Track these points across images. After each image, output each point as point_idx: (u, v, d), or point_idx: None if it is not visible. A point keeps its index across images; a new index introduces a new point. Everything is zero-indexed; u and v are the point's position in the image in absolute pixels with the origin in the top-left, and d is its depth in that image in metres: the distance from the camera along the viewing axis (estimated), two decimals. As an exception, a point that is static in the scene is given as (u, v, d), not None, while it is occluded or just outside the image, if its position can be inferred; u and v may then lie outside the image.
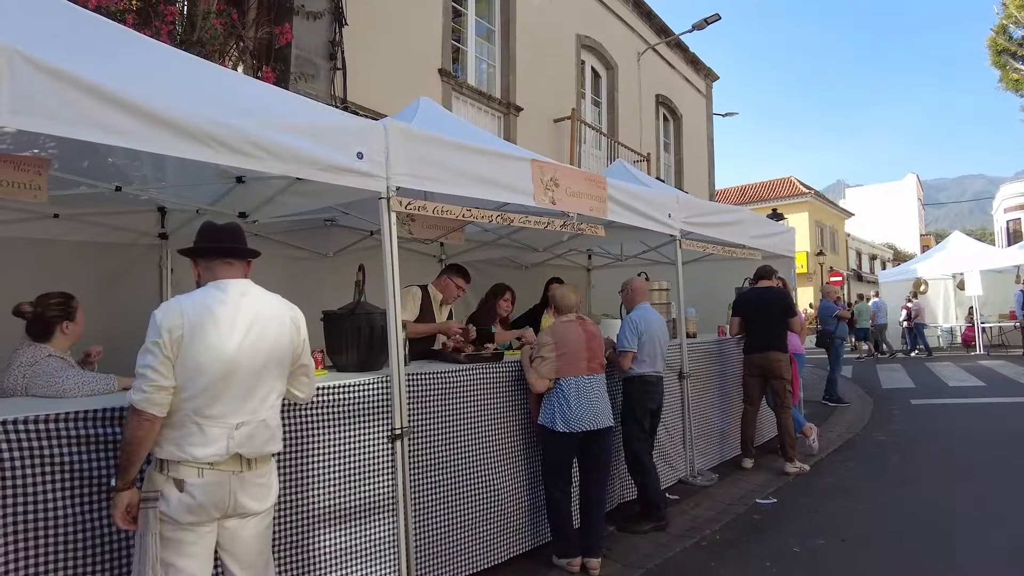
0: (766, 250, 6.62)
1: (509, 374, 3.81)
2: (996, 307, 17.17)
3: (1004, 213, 47.43)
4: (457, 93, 8.69)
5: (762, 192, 34.58)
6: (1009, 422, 7.64)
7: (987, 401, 9.13)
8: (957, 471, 5.58)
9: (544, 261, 7.39)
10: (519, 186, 3.65)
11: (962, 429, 7.43)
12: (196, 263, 2.28)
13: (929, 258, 19.95)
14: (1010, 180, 56.69)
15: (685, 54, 15.71)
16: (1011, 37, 24.71)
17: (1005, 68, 24.82)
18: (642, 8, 13.48)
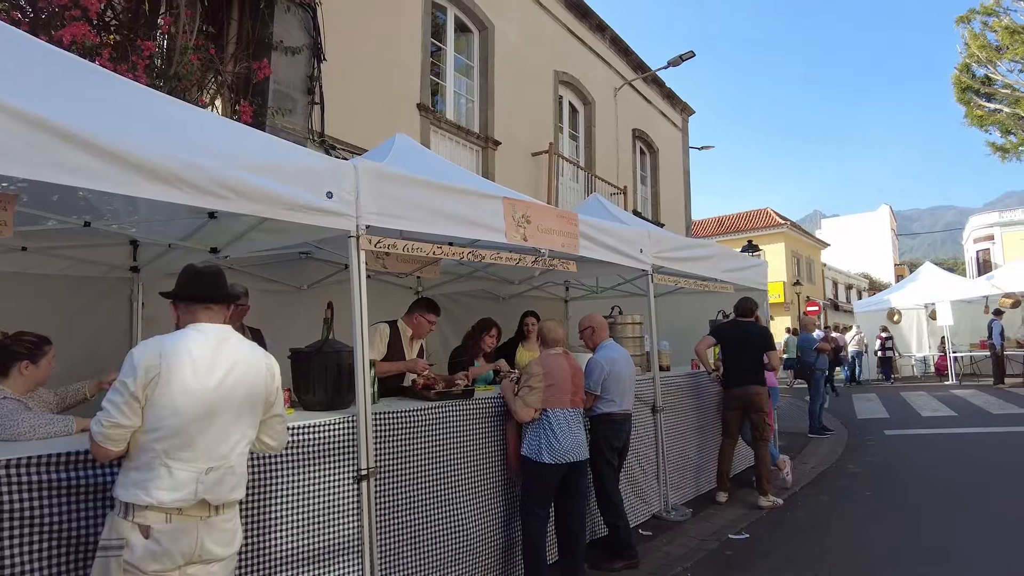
0: (739, 283, 6.72)
1: (480, 411, 3.80)
2: (967, 336, 17.49)
3: (974, 243, 48.65)
4: (436, 127, 8.80)
5: (739, 223, 35.13)
6: (979, 453, 7.73)
7: (959, 431, 9.25)
8: (928, 504, 5.63)
9: (522, 293, 7.43)
10: (491, 223, 3.69)
11: (934, 460, 7.51)
12: (176, 306, 2.28)
13: (902, 288, 20.33)
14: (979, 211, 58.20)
15: (661, 89, 16.06)
16: (974, 75, 25.63)
17: (969, 105, 25.70)
18: (619, 45, 13.80)
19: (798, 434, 9.15)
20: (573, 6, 12.23)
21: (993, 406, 11.48)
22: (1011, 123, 25.03)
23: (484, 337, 5.15)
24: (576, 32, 12.40)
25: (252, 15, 6.66)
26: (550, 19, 11.67)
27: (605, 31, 13.31)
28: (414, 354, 4.42)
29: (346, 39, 7.46)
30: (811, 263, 37.33)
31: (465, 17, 9.85)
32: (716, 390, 6.53)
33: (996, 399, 12.36)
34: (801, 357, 9.96)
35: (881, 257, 53.62)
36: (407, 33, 8.48)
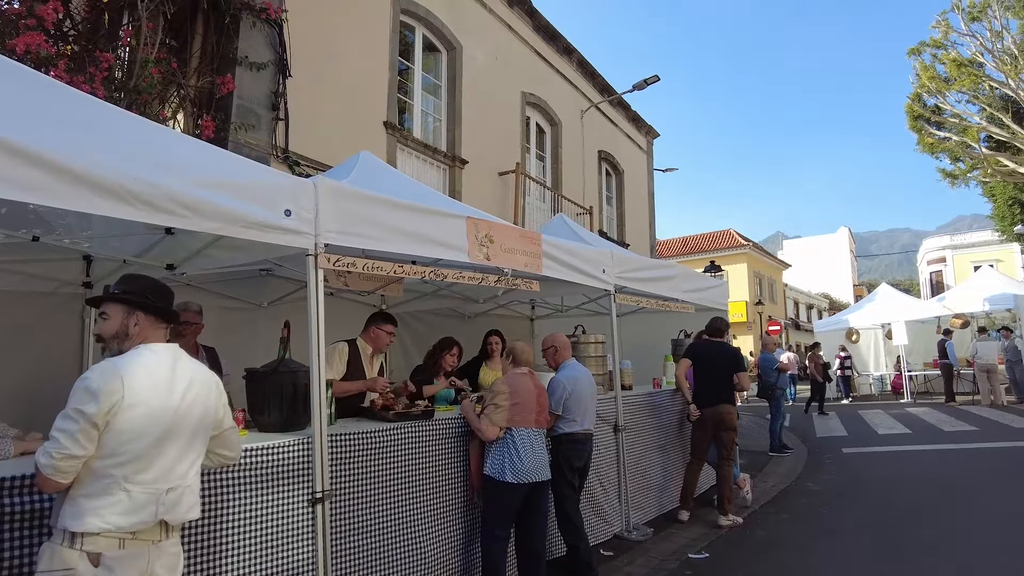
0: (700, 303, 6.83)
1: (441, 432, 3.78)
2: (921, 356, 18.02)
3: (927, 265, 50.36)
4: (402, 145, 8.80)
5: (703, 243, 35.77)
6: (931, 470, 7.93)
7: (913, 449, 9.47)
8: (882, 521, 5.73)
9: (487, 311, 7.43)
10: (454, 242, 3.70)
11: (889, 478, 7.66)
12: (132, 317, 2.14)
13: (860, 309, 20.87)
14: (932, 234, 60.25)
15: (627, 112, 16.35)
16: (925, 105, 26.68)
17: (921, 132, 26.71)
18: (586, 67, 14.04)
19: (759, 452, 9.28)
20: (541, 28, 12.42)
21: (944, 423, 11.81)
22: (959, 151, 26.09)
23: (445, 356, 5.13)
24: (544, 54, 12.59)
25: (217, 30, 6.61)
26: (518, 41, 11.83)
27: (572, 54, 13.54)
28: (375, 371, 4.38)
29: (313, 56, 7.45)
30: (773, 283, 38.12)
31: (433, 37, 9.92)
32: (678, 409, 6.60)
33: (947, 416, 12.72)
34: (762, 376, 10.12)
35: (840, 278, 55.09)
36: (375, 51, 8.50)
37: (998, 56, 24.13)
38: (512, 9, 11.64)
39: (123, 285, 2.21)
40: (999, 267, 30.28)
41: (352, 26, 8.14)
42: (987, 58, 24.51)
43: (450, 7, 10.03)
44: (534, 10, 12.05)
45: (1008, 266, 37.98)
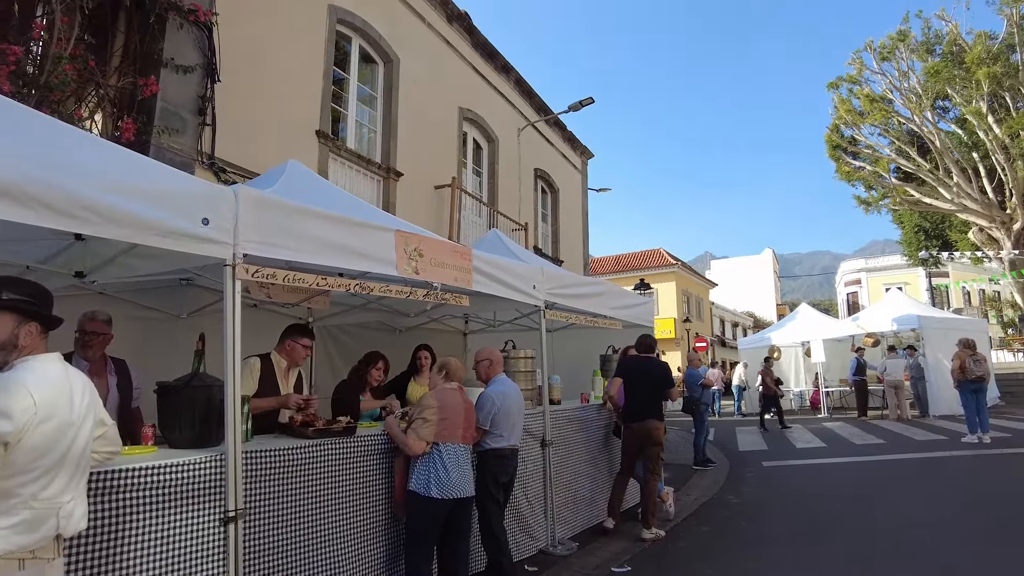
0: (627, 320, 6.98)
1: (363, 449, 3.71)
2: (837, 373, 18.95)
3: (845, 287, 53.19)
4: (335, 155, 8.67)
5: (634, 262, 36.65)
6: (844, 481, 8.31)
7: (828, 461, 9.91)
8: (798, 532, 5.97)
9: (420, 325, 7.37)
10: (381, 256, 3.66)
11: (805, 490, 7.99)
12: (21, 327, 2.00)
13: (782, 327, 21.80)
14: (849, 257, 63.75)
15: (563, 132, 16.65)
16: (842, 135, 28.34)
17: (839, 161, 28.34)
18: (523, 87, 14.23)
19: (683, 466, 9.52)
20: (479, 46, 12.53)
21: (856, 437, 12.43)
22: (872, 180, 27.81)
23: (371, 370, 5.05)
24: (482, 72, 12.70)
25: (140, 29, 6.36)
26: (456, 57, 11.89)
27: (510, 72, 13.71)
28: (291, 386, 4.25)
29: (244, 61, 7.26)
30: (700, 301, 39.38)
31: (370, 48, 9.86)
32: (606, 423, 6.71)
33: (859, 430, 13.40)
34: (687, 391, 10.41)
35: (765, 297, 57.52)
36: (310, 60, 8.37)
37: (905, 94, 25.95)
38: (451, 25, 11.70)
39: (10, 291, 2.04)
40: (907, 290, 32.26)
41: (287, 34, 8.00)
42: (896, 95, 26.31)
43: (388, 20, 10.00)
44: (473, 27, 12.16)
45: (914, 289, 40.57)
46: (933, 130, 25.61)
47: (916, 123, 25.89)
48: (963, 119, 25.79)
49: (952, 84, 24.57)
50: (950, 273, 39.09)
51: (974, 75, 23.15)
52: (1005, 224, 25.29)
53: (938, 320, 17.48)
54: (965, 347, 10.84)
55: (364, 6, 9.44)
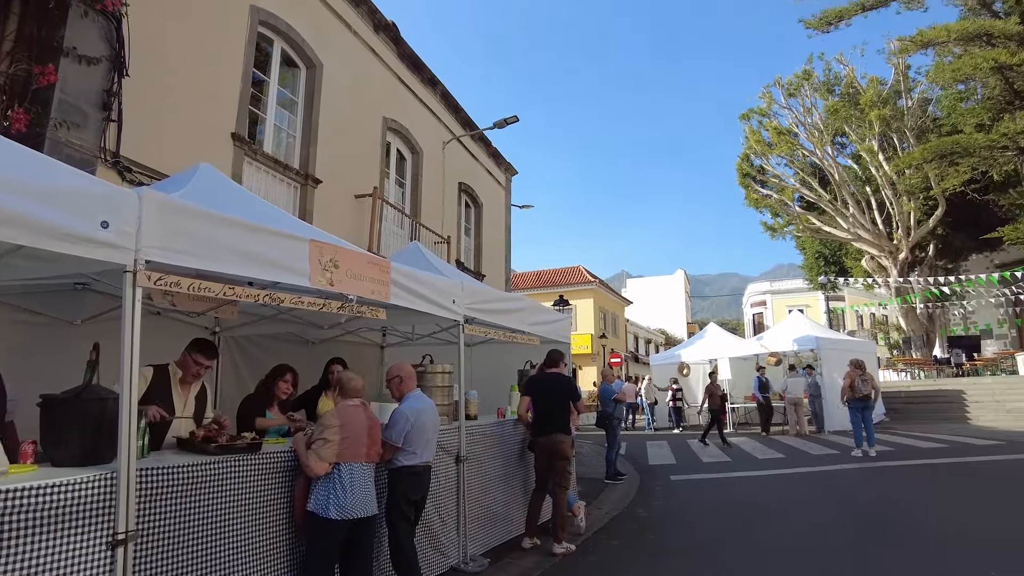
0: (545, 336, 7.07)
1: (268, 466, 3.57)
2: (743, 390, 19.87)
3: (751, 307, 55.98)
4: (251, 159, 8.38)
5: (555, 278, 37.26)
6: (747, 494, 8.70)
7: (732, 475, 10.35)
8: (703, 543, 6.19)
9: (334, 338, 7.19)
10: (294, 266, 3.56)
11: (711, 502, 8.31)
12: None
13: (691, 345, 22.69)
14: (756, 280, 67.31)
15: (488, 148, 16.78)
16: (752, 164, 29.98)
17: (748, 189, 29.94)
18: (449, 101, 14.26)
19: (595, 480, 9.70)
20: (406, 57, 12.47)
21: (759, 451, 13.05)
22: (778, 207, 29.53)
23: (278, 384, 4.87)
24: (408, 83, 12.63)
25: (39, 14, 5.95)
26: (382, 67, 11.78)
27: (436, 86, 13.71)
28: (191, 399, 4.04)
29: (158, 57, 6.92)
30: (616, 318, 40.44)
31: (293, 52, 9.62)
32: (522, 438, 6.75)
33: (762, 445, 14.08)
34: (600, 406, 10.63)
35: (676, 315, 59.70)
36: (228, 60, 8.07)
37: (808, 129, 27.79)
38: (378, 35, 11.60)
39: None
40: (807, 312, 34.34)
41: (205, 31, 7.69)
42: (800, 129, 28.14)
43: (313, 25, 9.80)
44: (400, 38, 12.09)
45: (814, 312, 43.23)
46: (832, 164, 27.55)
47: (818, 156, 27.78)
48: (858, 155, 27.92)
49: (849, 123, 26.54)
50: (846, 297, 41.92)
51: (867, 116, 25.10)
52: (892, 254, 27.42)
53: (834, 341, 18.68)
54: (855, 367, 11.63)
55: (288, 9, 9.22)
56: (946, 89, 26.61)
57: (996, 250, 28.94)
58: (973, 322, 34.76)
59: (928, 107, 28.37)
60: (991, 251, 29.43)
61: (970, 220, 27.53)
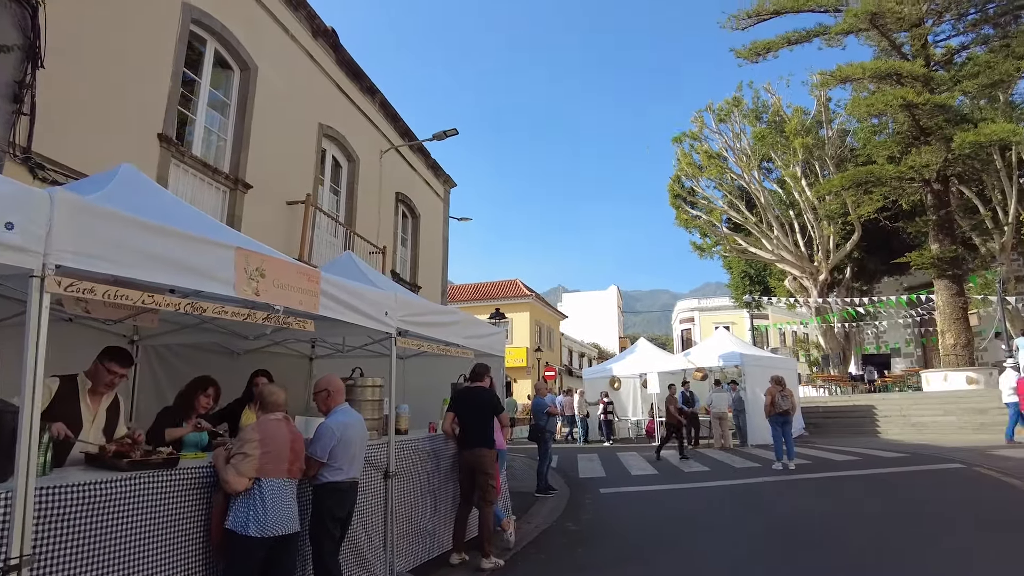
0: (479, 349, 7.06)
1: (185, 482, 3.41)
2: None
3: (680, 323, 57.61)
4: (178, 161, 8.06)
5: (491, 291, 37.34)
6: (673, 507, 8.90)
7: (660, 488, 10.56)
8: (630, 557, 6.25)
9: (261, 348, 6.96)
10: (218, 274, 3.44)
11: (638, 515, 8.44)
12: None
13: (623, 359, 23.15)
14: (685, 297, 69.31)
15: (426, 159, 16.72)
16: (683, 186, 31.01)
17: (679, 209, 30.93)
18: (388, 110, 14.15)
19: (527, 493, 9.72)
20: (344, 64, 12.32)
21: (684, 464, 13.38)
22: (707, 228, 30.62)
23: (199, 396, 4.67)
24: (346, 90, 12.47)
25: (-57, -2, 5.59)
26: (320, 73, 11.59)
27: (375, 95, 13.59)
28: (98, 411, 3.81)
29: (78, 50, 6.60)
30: (551, 332, 40.83)
31: (227, 53, 9.35)
32: (453, 453, 6.69)
33: (687, 458, 14.44)
34: (533, 420, 10.67)
35: (609, 330, 60.81)
36: (156, 57, 7.76)
37: (737, 153, 29.02)
38: (316, 40, 11.42)
39: None
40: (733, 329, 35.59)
41: (131, 26, 7.38)
42: (730, 154, 29.36)
43: (249, 27, 9.56)
44: (339, 45, 11.94)
45: (739, 329, 44.84)
46: (759, 188, 28.84)
47: (745, 180, 29.04)
48: (783, 180, 29.34)
49: (775, 149, 27.89)
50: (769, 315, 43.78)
51: (792, 144, 26.44)
52: (813, 275, 28.85)
53: (757, 358, 19.43)
54: (775, 383, 12.12)
55: (223, 9, 8.97)
56: (862, 122, 28.40)
57: (905, 274, 31.00)
58: (884, 341, 36.95)
59: (846, 138, 30.18)
60: (901, 275, 31.50)
61: (882, 245, 29.40)
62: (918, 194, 25.53)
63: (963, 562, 5.48)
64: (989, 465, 10.74)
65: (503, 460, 7.12)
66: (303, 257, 9.93)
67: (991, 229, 25.60)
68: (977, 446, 14.04)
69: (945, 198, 24.87)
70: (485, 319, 16.98)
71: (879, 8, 22.85)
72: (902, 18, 23.34)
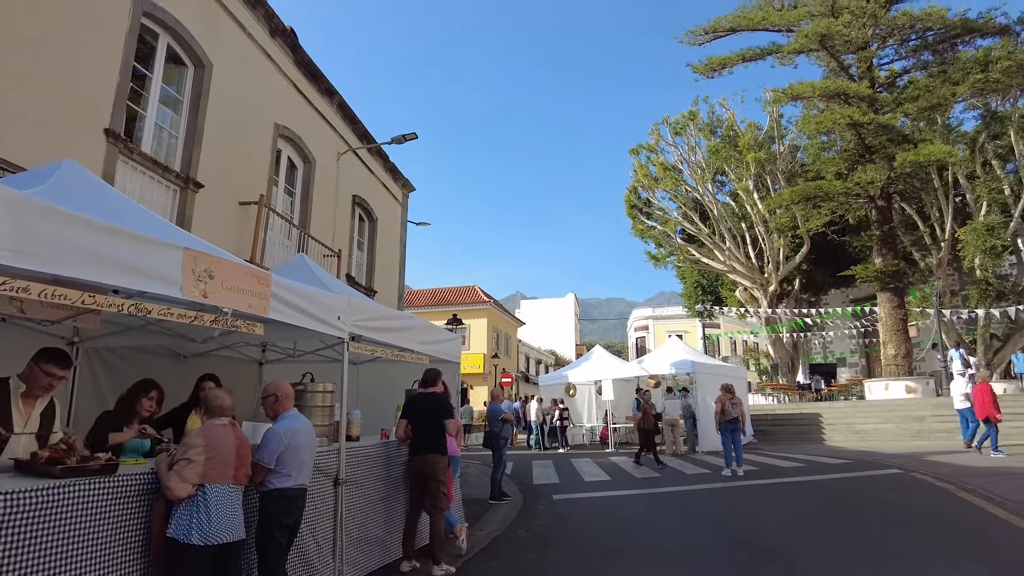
0: (434, 355, 7.03)
1: (124, 489, 3.30)
2: (624, 410, 20.64)
3: (635, 332, 58.40)
4: (126, 158, 7.82)
5: (450, 297, 37.23)
6: (624, 513, 8.98)
7: (612, 494, 10.66)
8: (580, 564, 6.28)
9: (209, 352, 6.79)
10: (165, 275, 3.35)
11: (590, 521, 8.49)
12: None
13: (578, 366, 23.35)
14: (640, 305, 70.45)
15: (385, 162, 16.60)
16: (640, 197, 31.52)
17: (635, 220, 31.41)
18: (346, 112, 14.01)
19: (480, 500, 9.69)
20: (303, 64, 12.16)
21: (636, 471, 13.55)
22: (662, 239, 31.18)
23: (141, 400, 4.52)
24: (303, 91, 12.30)
25: None
26: (277, 72, 11.41)
27: (334, 96, 13.44)
28: (31, 416, 3.66)
29: (20, 37, 6.37)
30: (509, 338, 40.90)
31: (180, 50, 9.12)
32: (405, 459, 6.63)
33: (639, 464, 14.63)
34: (488, 426, 10.66)
35: (566, 337, 61.26)
36: (105, 49, 7.53)
37: (692, 166, 29.69)
38: (274, 39, 11.24)
39: None
40: (686, 338, 36.29)
41: (78, 16, 7.14)
42: (685, 166, 30.00)
43: (204, 23, 9.35)
44: (297, 45, 11.79)
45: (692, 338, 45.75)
46: (712, 200, 29.54)
47: (700, 192, 29.71)
48: (736, 193, 30.12)
49: (728, 163, 28.63)
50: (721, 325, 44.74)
51: (745, 158, 27.19)
52: (763, 286, 29.65)
53: (708, 366, 19.83)
54: (725, 391, 12.40)
55: (177, 4, 8.76)
56: (811, 138, 29.41)
57: (851, 286, 32.15)
58: (831, 351, 38.23)
59: (797, 153, 31.18)
60: (847, 287, 32.65)
61: (830, 258, 30.45)
62: (863, 210, 26.54)
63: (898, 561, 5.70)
64: (924, 471, 11.19)
65: (456, 467, 7.10)
66: (255, 259, 9.74)
67: (929, 245, 26.78)
68: (914, 452, 14.61)
69: (888, 214, 25.92)
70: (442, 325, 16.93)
71: (828, 30, 23.72)
72: (849, 41, 24.26)
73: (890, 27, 24.84)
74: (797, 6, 26.77)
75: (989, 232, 23.66)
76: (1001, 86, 22.76)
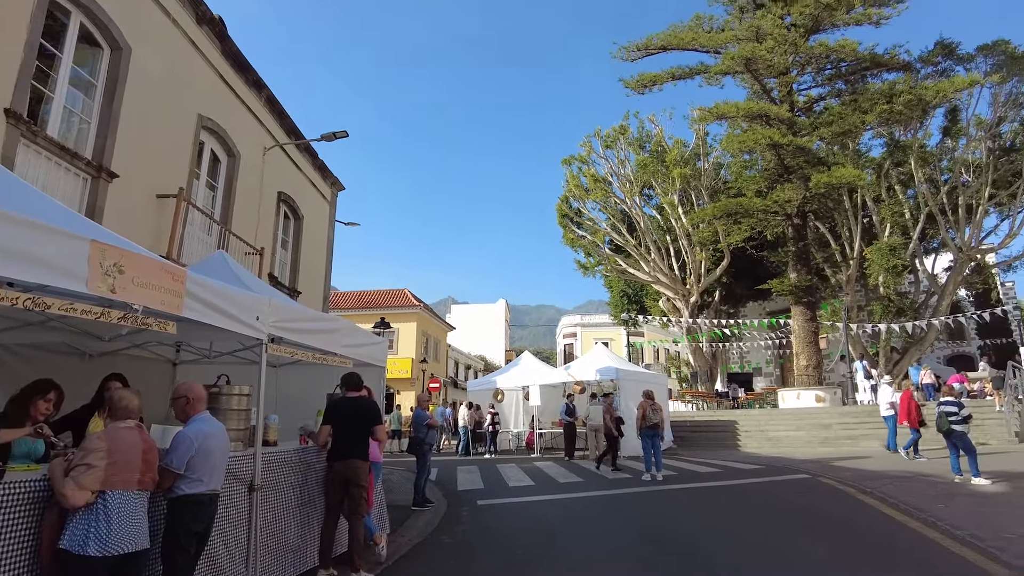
0: (358, 359, 6.90)
1: (12, 499, 3.07)
2: (551, 415, 20.86)
3: (563, 338, 59.22)
4: (29, 141, 7.31)
5: (378, 300, 36.67)
6: (547, 518, 9.04)
7: (535, 499, 10.72)
8: (502, 569, 6.29)
9: (118, 350, 6.42)
10: (69, 268, 3.15)
11: (513, 527, 8.51)
12: None
13: (507, 372, 23.43)
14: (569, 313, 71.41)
15: (313, 160, 16.20)
16: (571, 206, 32.03)
17: (566, 229, 31.88)
18: (275, 106, 13.61)
19: (403, 507, 9.55)
20: (230, 55, 11.73)
21: (561, 476, 13.70)
22: (591, 248, 31.77)
23: (37, 402, 4.19)
24: (230, 82, 11.86)
25: None
26: (202, 61, 10.96)
27: (262, 89, 13.03)
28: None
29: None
30: (438, 343, 40.63)
31: (95, 30, 8.62)
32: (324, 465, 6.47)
33: (564, 469, 14.81)
34: (413, 432, 10.54)
35: (496, 343, 61.42)
36: (7, 23, 7.02)
37: (621, 179, 30.42)
38: (200, 27, 10.80)
39: None
40: (612, 345, 37.12)
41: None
42: (614, 179, 30.71)
43: (123, 3, 8.87)
44: (225, 34, 11.37)
45: (617, 345, 46.81)
46: (639, 212, 30.38)
47: (628, 204, 30.48)
48: (661, 207, 31.09)
49: (655, 177, 29.53)
50: (645, 333, 45.95)
51: (671, 173, 28.11)
52: (685, 297, 30.67)
53: (632, 373, 20.33)
54: (647, 398, 12.74)
55: (91, -19, 8.28)
56: (734, 157, 30.72)
57: (767, 299, 33.75)
58: (748, 361, 39.94)
59: (720, 171, 32.50)
60: (764, 300, 34.25)
61: (748, 272, 31.87)
62: (781, 227, 27.93)
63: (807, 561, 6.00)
64: (830, 475, 11.83)
65: (378, 473, 6.98)
66: (171, 255, 9.29)
67: (840, 262, 28.43)
68: (822, 458, 15.42)
69: (803, 232, 27.37)
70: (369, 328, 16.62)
71: (753, 54, 24.87)
72: (772, 65, 25.52)
73: (808, 55, 26.30)
74: (725, 29, 27.96)
75: (891, 252, 25.35)
76: (903, 117, 24.48)
